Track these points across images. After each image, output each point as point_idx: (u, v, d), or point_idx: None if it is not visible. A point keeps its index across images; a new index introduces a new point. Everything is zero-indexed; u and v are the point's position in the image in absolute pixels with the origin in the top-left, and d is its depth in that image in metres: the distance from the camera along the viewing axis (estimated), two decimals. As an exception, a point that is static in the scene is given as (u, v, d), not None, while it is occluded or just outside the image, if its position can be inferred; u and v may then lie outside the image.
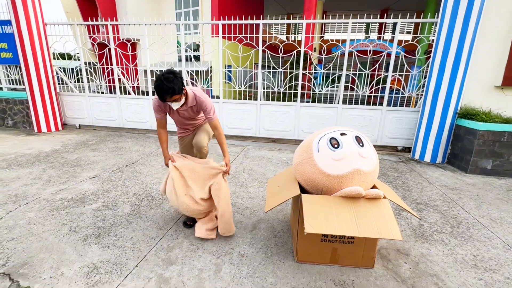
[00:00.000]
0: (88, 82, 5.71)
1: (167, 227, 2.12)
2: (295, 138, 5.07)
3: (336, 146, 1.60)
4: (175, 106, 1.87)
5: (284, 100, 5.15)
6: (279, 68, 4.82)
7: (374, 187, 1.72)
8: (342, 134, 1.67)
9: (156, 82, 1.71)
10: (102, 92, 5.85)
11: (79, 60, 5.57)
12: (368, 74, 4.56)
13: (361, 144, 1.62)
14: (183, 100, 1.89)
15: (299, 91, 4.77)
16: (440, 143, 3.99)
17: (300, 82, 4.71)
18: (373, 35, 15.89)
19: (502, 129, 3.41)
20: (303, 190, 1.76)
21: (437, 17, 3.93)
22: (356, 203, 1.53)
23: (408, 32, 17.31)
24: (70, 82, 5.72)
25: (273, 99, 5.06)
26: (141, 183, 2.97)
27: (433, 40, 4.21)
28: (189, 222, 2.13)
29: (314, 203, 1.53)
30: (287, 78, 4.77)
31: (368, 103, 4.82)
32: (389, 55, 4.52)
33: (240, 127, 5.19)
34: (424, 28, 10.61)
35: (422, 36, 4.33)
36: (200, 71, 6.36)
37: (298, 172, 1.76)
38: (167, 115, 2.09)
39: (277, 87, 4.91)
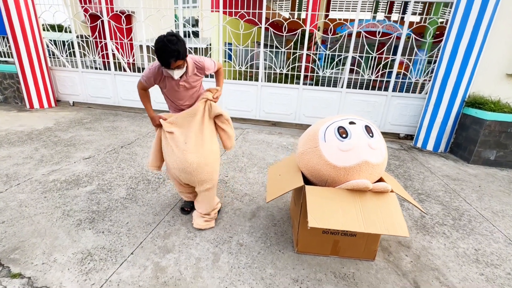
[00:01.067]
0: (81, 56, 5.43)
1: (164, 213, 2.06)
2: (296, 122, 4.95)
3: (344, 136, 1.49)
4: (176, 74, 1.63)
5: (285, 82, 4.96)
6: (282, 47, 4.57)
7: (381, 179, 1.64)
8: (351, 123, 1.56)
9: (158, 44, 1.49)
10: (99, 68, 5.59)
11: (71, 32, 5.26)
12: (374, 57, 4.36)
13: (370, 135, 1.52)
14: (184, 68, 1.67)
15: (302, 73, 4.57)
16: (444, 132, 3.90)
17: (303, 64, 4.50)
18: (380, 16, 15.20)
19: (510, 120, 3.31)
20: (306, 180, 1.69)
21: (454, -3, 3.67)
22: (362, 197, 1.46)
23: (414, 13, 16.54)
24: (62, 56, 5.43)
25: (274, 81, 4.86)
26: (137, 166, 2.89)
27: (442, 23, 3.99)
28: (187, 208, 2.07)
29: (318, 196, 1.45)
30: (290, 59, 4.55)
31: (373, 88, 4.64)
32: (397, 37, 4.29)
33: (239, 109, 5.03)
34: (437, 8, 10.11)
35: (434, 17, 4.09)
36: (199, 48, 6.07)
37: (302, 162, 1.67)
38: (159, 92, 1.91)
39: (279, 68, 4.70)
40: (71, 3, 5.06)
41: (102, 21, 5.00)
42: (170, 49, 1.49)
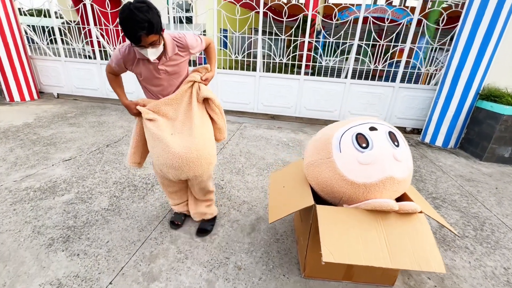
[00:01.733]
0: (63, 44, 5.00)
1: (150, 228, 1.80)
2: (296, 115, 4.66)
3: (364, 145, 1.22)
4: (152, 54, 1.30)
5: (284, 72, 4.62)
6: (281, 34, 4.20)
7: (404, 195, 1.39)
8: (372, 128, 1.28)
9: (122, 14, 1.15)
10: (88, 57, 5.16)
11: (50, 17, 4.80)
12: (382, 45, 4.02)
13: (396, 143, 1.25)
14: (161, 48, 1.33)
15: (304, 62, 4.24)
16: (455, 127, 3.65)
17: (305, 52, 4.15)
18: (380, 1, 14.57)
19: (529, 115, 3.07)
20: (314, 194, 1.43)
21: (472, -22, 3.32)
22: (385, 219, 1.21)
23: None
24: (43, 43, 4.99)
25: (271, 71, 4.52)
26: (123, 168, 2.60)
27: (446, 9, 3.64)
28: (177, 222, 1.82)
29: (332, 220, 1.20)
30: (291, 47, 4.20)
31: (372, 77, 4.33)
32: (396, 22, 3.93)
33: (236, 102, 4.71)
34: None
35: None
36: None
37: (310, 174, 1.41)
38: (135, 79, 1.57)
39: (279, 57, 4.35)
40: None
41: (85, 5, 4.56)
42: (138, 19, 1.14)
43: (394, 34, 3.92)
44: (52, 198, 2.06)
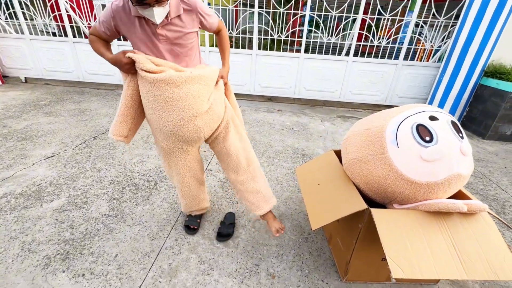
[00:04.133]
0: (26, 19, 4.31)
1: (163, 235, 1.58)
2: (295, 97, 4.43)
3: (428, 139, 1.05)
4: (159, 16, 1.05)
5: (275, 50, 4.28)
6: (280, 7, 3.83)
7: (459, 193, 1.26)
8: (432, 118, 1.10)
9: None
10: (53, 34, 4.49)
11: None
12: (384, 19, 3.78)
13: (460, 135, 1.09)
14: (167, 7, 1.07)
15: (304, 39, 3.93)
16: (458, 105, 3.62)
17: (305, 28, 3.83)
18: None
19: (535, 92, 3.05)
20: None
21: None
22: (448, 221, 1.07)
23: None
24: (0, 18, 4.27)
25: (264, 49, 4.17)
26: (118, 164, 2.31)
27: None
28: (193, 226, 1.61)
29: (393, 225, 1.04)
30: (291, 22, 3.85)
31: (369, 55, 4.11)
32: None
33: (231, 83, 4.36)
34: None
35: None
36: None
37: (357, 171, 1.23)
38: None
39: (277, 33, 4.00)
40: None
41: (48, -29, 3.87)
42: None
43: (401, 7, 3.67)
44: (39, 205, 1.76)
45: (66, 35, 4.32)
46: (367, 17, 3.74)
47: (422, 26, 3.78)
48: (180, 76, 1.10)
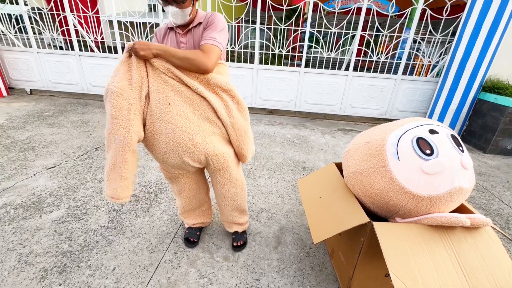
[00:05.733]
0: (35, 33, 4.44)
1: (162, 248, 1.56)
2: (296, 110, 4.47)
3: (428, 152, 1.05)
4: (174, 16, 1.13)
5: (278, 64, 4.39)
6: (281, 24, 3.95)
7: (461, 206, 1.25)
8: (432, 131, 1.11)
9: None
10: (60, 47, 4.62)
11: (17, 4, 4.22)
12: (382, 36, 3.89)
13: (460, 148, 1.09)
14: (187, 16, 1.15)
15: (304, 55, 4.03)
16: (458, 119, 3.64)
17: (306, 44, 3.93)
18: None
19: (533, 106, 3.08)
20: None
21: (477, -34, 3.23)
22: (451, 235, 1.06)
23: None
24: (10, 32, 4.40)
25: (265, 63, 4.27)
26: (119, 175, 2.30)
27: None
28: (193, 239, 1.59)
29: (395, 239, 1.03)
30: (291, 37, 3.96)
31: (368, 70, 4.20)
32: (382, 14, 3.83)
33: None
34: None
35: None
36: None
37: (358, 184, 1.23)
38: None
39: (278, 48, 4.11)
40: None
41: (58, -12, 4.03)
42: None
43: (399, 24, 3.78)
44: (39, 216, 1.75)
45: (72, 48, 4.44)
46: (365, 33, 3.85)
47: (419, 42, 3.90)
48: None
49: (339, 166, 1.55)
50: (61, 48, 4.67)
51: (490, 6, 3.08)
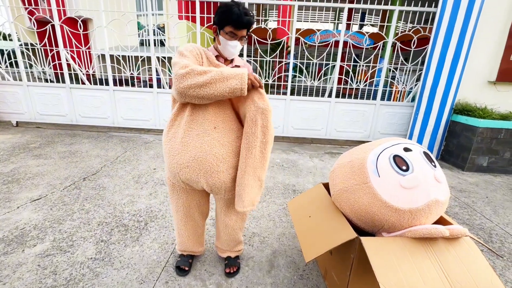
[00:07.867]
0: (26, 68, 4.53)
1: (152, 278, 1.52)
2: (283, 135, 4.62)
3: (404, 168, 1.15)
4: (235, 48, 1.25)
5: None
6: (266, 56, 4.24)
7: (441, 219, 1.33)
8: (406, 149, 1.22)
9: (230, 3, 1.19)
10: (50, 80, 4.69)
11: (10, 40, 4.35)
12: (359, 66, 4.24)
13: (433, 164, 1.20)
14: (238, 50, 1.29)
15: (289, 83, 4.28)
16: (435, 140, 3.87)
17: (290, 74, 4.21)
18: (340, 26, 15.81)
19: (500, 126, 3.35)
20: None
21: (436, 7, 3.70)
22: (434, 246, 1.12)
23: (373, 25, 17.52)
24: (0, 67, 4.47)
25: None
26: (107, 205, 2.26)
27: (415, 32, 3.95)
28: (184, 267, 1.56)
29: (382, 253, 1.08)
30: (276, 68, 4.24)
31: (349, 96, 4.50)
32: (358, 47, 4.23)
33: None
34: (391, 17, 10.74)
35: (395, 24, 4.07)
36: (167, 58, 5.49)
37: (343, 201, 1.29)
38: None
39: (265, 78, 4.36)
40: (10, 3, 4.19)
41: (53, 26, 4.22)
42: (247, 9, 1.20)
43: (373, 55, 4.15)
44: (21, 250, 1.67)
45: (63, 81, 4.52)
46: (344, 64, 4.18)
47: (393, 71, 4.26)
48: None
49: (326, 186, 1.62)
50: (51, 81, 4.74)
51: (451, 37, 3.48)
